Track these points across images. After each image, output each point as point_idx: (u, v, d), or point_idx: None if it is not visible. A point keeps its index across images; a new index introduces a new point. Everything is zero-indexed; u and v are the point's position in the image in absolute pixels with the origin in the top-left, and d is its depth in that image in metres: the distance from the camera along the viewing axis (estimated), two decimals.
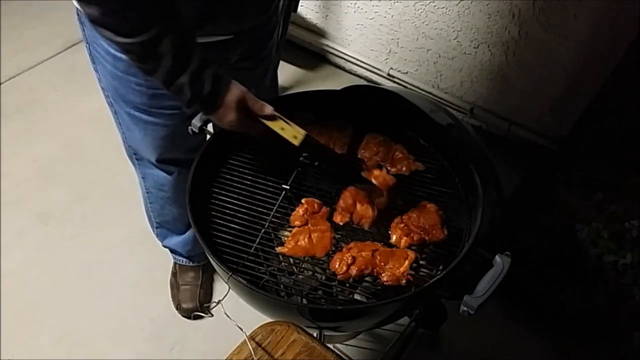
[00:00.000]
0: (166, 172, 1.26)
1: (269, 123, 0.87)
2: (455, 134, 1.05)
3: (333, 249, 0.89)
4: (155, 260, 1.68)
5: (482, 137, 2.04)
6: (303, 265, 0.91)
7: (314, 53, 2.40)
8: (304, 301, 0.90)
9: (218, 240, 0.89)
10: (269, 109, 0.86)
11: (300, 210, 0.92)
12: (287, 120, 0.87)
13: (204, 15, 0.90)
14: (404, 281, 0.83)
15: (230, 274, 0.82)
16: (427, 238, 0.89)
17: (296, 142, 0.86)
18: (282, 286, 0.88)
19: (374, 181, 0.93)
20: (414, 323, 1.32)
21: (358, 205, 0.94)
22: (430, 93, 2.10)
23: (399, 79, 2.17)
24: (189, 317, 1.55)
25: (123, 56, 0.96)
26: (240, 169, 1.00)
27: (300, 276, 0.91)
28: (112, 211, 1.84)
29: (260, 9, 1.00)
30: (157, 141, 1.15)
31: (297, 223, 0.91)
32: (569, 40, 1.64)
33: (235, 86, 0.83)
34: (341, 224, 0.92)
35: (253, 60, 1.14)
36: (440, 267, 0.89)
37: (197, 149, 0.97)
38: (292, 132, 0.87)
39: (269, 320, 0.85)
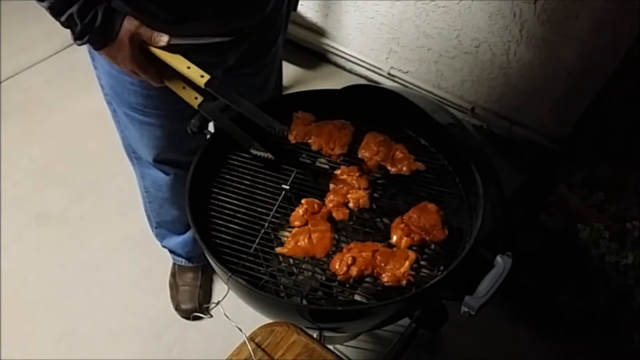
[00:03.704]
0: (163, 172, 1.26)
1: (173, 61, 0.85)
2: (456, 134, 1.05)
3: (333, 249, 0.88)
4: (154, 261, 1.67)
5: (483, 136, 2.04)
6: (303, 266, 0.91)
7: (314, 52, 2.39)
8: (304, 302, 0.90)
9: (217, 241, 0.89)
10: (165, 38, 0.84)
11: (300, 211, 0.91)
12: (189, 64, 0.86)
13: (188, 11, 0.89)
14: (404, 282, 0.82)
15: (229, 274, 0.81)
16: (427, 238, 0.89)
17: (202, 82, 0.85)
18: (281, 287, 0.88)
19: (350, 202, 0.93)
20: (414, 324, 1.32)
21: (349, 195, 0.93)
22: (431, 92, 2.10)
23: (399, 78, 2.17)
24: (188, 318, 1.55)
25: None
26: (240, 169, 1.00)
27: (300, 277, 0.90)
28: (111, 211, 1.83)
29: (251, 7, 0.98)
30: (153, 141, 1.14)
31: (297, 223, 0.90)
32: (570, 39, 1.63)
33: (129, 20, 0.82)
34: (344, 218, 0.92)
35: (254, 67, 1.13)
36: (441, 268, 0.89)
37: (195, 152, 0.96)
38: (198, 72, 0.85)
39: (269, 321, 0.84)
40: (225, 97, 0.87)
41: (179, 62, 0.86)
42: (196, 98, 0.90)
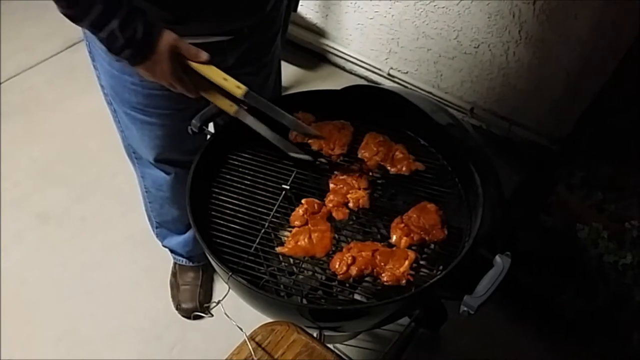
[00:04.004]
0: (164, 172, 1.26)
1: (209, 73, 0.86)
2: (456, 134, 1.05)
3: (333, 249, 0.89)
4: (155, 261, 1.68)
5: (482, 137, 2.04)
6: (303, 265, 0.91)
7: (314, 53, 2.40)
8: (304, 301, 0.90)
9: (218, 241, 0.89)
10: (204, 55, 0.85)
11: (300, 210, 0.92)
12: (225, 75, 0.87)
13: (188, 11, 0.90)
14: (404, 281, 0.83)
15: (230, 274, 0.82)
16: (427, 238, 0.89)
17: (239, 93, 0.86)
18: (282, 286, 0.88)
19: (350, 202, 0.93)
20: (414, 323, 1.32)
21: (349, 195, 0.94)
22: (431, 93, 2.10)
23: (399, 78, 2.17)
24: (188, 317, 1.55)
25: None
26: (240, 169, 1.00)
27: (300, 276, 0.91)
28: (112, 211, 1.84)
29: (251, 6, 0.98)
30: (154, 141, 1.15)
31: (297, 223, 0.91)
32: (570, 40, 1.64)
33: (168, 33, 0.82)
34: (344, 218, 0.93)
35: (254, 66, 1.13)
36: (441, 267, 0.89)
37: (195, 151, 0.97)
38: (234, 84, 0.86)
39: (269, 320, 0.85)
40: (262, 107, 0.89)
41: (215, 74, 0.86)
42: (231, 105, 0.91)
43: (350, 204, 0.94)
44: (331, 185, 0.96)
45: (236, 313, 0.81)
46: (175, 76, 0.85)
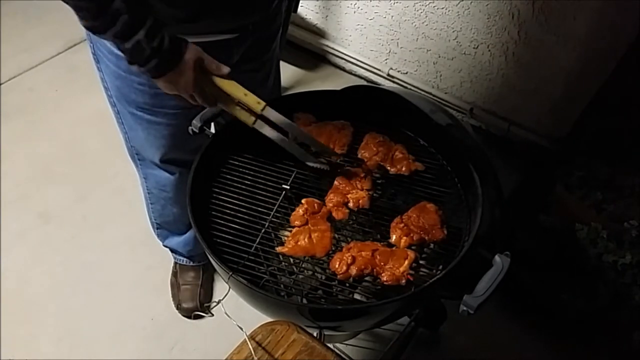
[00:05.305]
0: (168, 172, 1.26)
1: (230, 89, 0.87)
2: (455, 134, 1.06)
3: (333, 248, 0.89)
4: (155, 260, 1.68)
5: (482, 137, 2.04)
6: (303, 265, 0.92)
7: (314, 53, 2.40)
8: (304, 301, 0.91)
9: (218, 240, 0.90)
10: (226, 69, 0.86)
11: (300, 210, 0.92)
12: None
13: (199, 9, 0.90)
14: (403, 281, 0.83)
15: (230, 273, 0.82)
16: (426, 238, 0.90)
17: (259, 108, 0.88)
18: (282, 286, 0.89)
19: (350, 202, 0.94)
20: (413, 323, 1.33)
21: (349, 195, 0.94)
22: (430, 93, 2.11)
23: (398, 79, 2.18)
24: (189, 317, 1.56)
25: None
26: (240, 169, 1.01)
27: (301, 276, 0.91)
28: (113, 211, 1.84)
29: (259, 2, 1.00)
30: (160, 140, 1.15)
31: (297, 223, 0.91)
32: (569, 40, 1.64)
33: (192, 45, 0.83)
34: (344, 217, 0.93)
35: (256, 63, 1.14)
36: (440, 267, 0.90)
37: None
38: (254, 99, 0.88)
39: (269, 319, 0.85)
40: (279, 122, 0.90)
41: (236, 90, 0.88)
42: (250, 117, 0.91)
43: (350, 204, 0.94)
44: (335, 182, 0.97)
45: (236, 312, 0.82)
46: (197, 88, 0.86)
